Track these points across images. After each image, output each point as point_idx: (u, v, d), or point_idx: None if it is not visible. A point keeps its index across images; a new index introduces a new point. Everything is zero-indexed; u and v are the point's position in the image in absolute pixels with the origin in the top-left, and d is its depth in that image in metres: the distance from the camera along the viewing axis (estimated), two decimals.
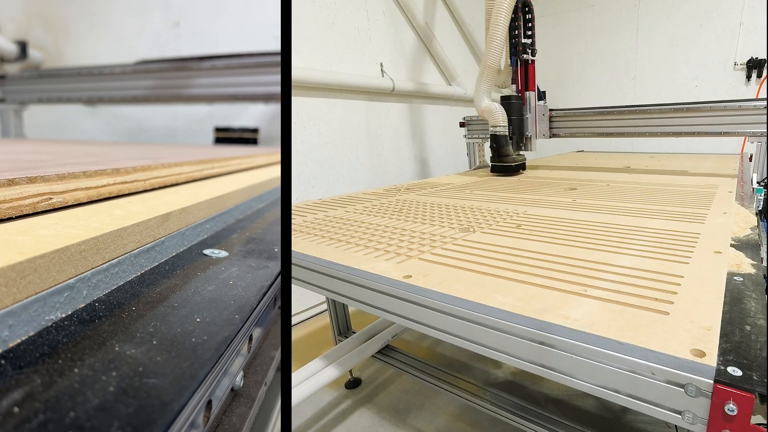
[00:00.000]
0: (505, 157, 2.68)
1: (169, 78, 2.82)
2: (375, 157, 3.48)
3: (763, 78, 4.23)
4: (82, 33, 3.52)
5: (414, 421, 1.91)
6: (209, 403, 0.42)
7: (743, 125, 2.34)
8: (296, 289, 1.22)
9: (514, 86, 2.88)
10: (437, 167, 4.23)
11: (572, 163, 3.34)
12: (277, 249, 0.76)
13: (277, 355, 0.68)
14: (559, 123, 2.89)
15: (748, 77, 4.29)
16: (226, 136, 3.05)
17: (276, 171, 1.40)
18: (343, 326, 2.13)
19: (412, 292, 0.90)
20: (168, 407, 0.34)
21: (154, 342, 0.43)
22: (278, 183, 1.27)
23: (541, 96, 2.93)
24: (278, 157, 1.83)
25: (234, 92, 2.73)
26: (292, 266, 1.19)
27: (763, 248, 1.31)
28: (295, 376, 1.51)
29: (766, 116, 2.27)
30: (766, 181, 2.42)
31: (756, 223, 1.30)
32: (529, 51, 2.83)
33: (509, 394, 1.55)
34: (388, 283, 0.95)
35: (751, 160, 2.77)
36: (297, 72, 2.74)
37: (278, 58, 2.61)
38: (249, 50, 2.79)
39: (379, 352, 1.89)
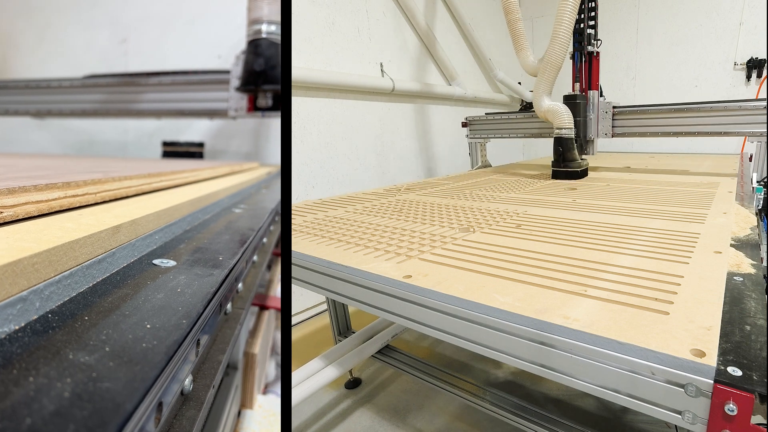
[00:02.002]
0: (570, 162, 2.47)
1: (118, 93, 2.89)
2: (375, 156, 3.48)
3: (763, 78, 4.24)
4: (30, 46, 3.56)
5: (414, 421, 1.91)
6: (160, 404, 0.43)
7: (743, 125, 2.35)
8: (296, 289, 1.22)
9: (578, 84, 2.68)
10: (437, 167, 4.23)
11: None
12: (222, 257, 0.79)
13: (225, 359, 0.70)
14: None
15: (748, 77, 4.29)
16: (173, 150, 3.17)
17: (220, 184, 1.49)
18: (343, 326, 2.13)
19: (412, 292, 0.90)
20: (121, 408, 0.35)
21: (107, 349, 0.44)
22: (222, 195, 1.34)
23: (601, 92, 2.74)
24: (222, 170, 1.92)
25: (180, 108, 2.81)
26: (292, 266, 1.19)
27: (763, 248, 1.31)
28: (295, 375, 1.51)
29: (766, 116, 2.27)
30: (765, 180, 2.42)
31: (756, 223, 1.30)
32: (595, 42, 2.59)
33: (509, 394, 1.55)
34: (388, 283, 0.95)
35: (751, 160, 2.77)
36: (297, 72, 2.74)
37: (221, 77, 2.71)
38: (194, 68, 2.89)
39: (379, 352, 1.89)
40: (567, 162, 2.48)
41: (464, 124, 3.42)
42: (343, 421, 1.93)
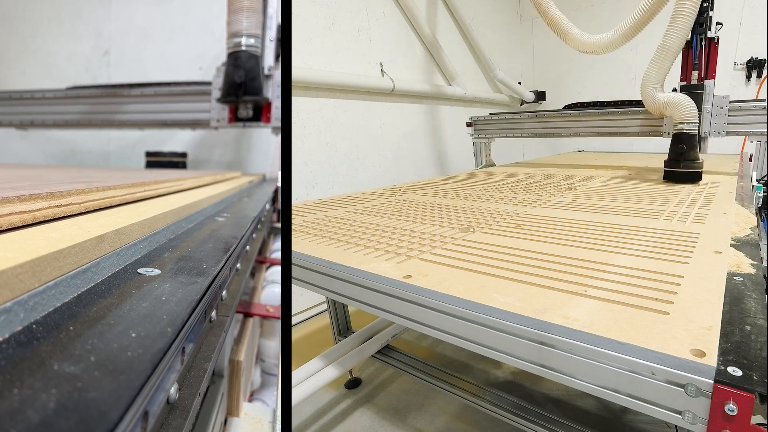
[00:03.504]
0: (692, 161, 2.10)
1: (101, 104, 2.92)
2: (375, 156, 3.48)
3: (763, 78, 4.24)
4: (13, 57, 3.58)
5: (414, 421, 1.91)
6: (146, 413, 0.43)
7: (744, 125, 2.35)
8: (296, 289, 1.22)
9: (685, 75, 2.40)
10: (438, 167, 4.23)
11: (572, 163, 3.34)
12: (206, 265, 0.80)
13: (210, 367, 0.70)
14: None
15: (748, 77, 4.29)
16: (156, 160, 3.20)
17: (203, 193, 1.50)
18: (342, 326, 2.13)
19: (411, 292, 0.90)
20: (107, 417, 0.35)
21: (92, 359, 0.44)
22: (205, 204, 1.36)
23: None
24: (205, 179, 1.93)
25: (163, 118, 2.85)
26: (292, 266, 1.19)
27: (763, 248, 1.31)
28: (295, 375, 1.51)
29: (766, 116, 2.27)
30: (765, 178, 2.42)
31: (756, 223, 1.30)
32: (716, 26, 2.32)
33: (509, 394, 1.55)
34: (387, 283, 0.95)
35: (751, 159, 2.78)
36: (297, 72, 2.74)
37: (203, 88, 2.74)
38: (177, 79, 2.93)
39: (379, 351, 1.89)
40: (688, 162, 2.10)
41: (469, 124, 3.47)
42: (343, 421, 1.93)
